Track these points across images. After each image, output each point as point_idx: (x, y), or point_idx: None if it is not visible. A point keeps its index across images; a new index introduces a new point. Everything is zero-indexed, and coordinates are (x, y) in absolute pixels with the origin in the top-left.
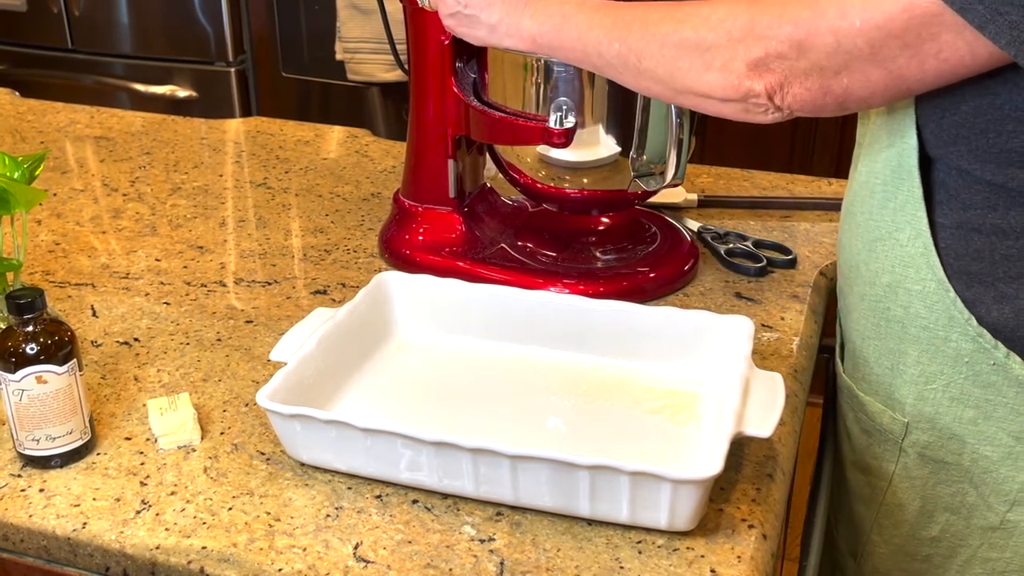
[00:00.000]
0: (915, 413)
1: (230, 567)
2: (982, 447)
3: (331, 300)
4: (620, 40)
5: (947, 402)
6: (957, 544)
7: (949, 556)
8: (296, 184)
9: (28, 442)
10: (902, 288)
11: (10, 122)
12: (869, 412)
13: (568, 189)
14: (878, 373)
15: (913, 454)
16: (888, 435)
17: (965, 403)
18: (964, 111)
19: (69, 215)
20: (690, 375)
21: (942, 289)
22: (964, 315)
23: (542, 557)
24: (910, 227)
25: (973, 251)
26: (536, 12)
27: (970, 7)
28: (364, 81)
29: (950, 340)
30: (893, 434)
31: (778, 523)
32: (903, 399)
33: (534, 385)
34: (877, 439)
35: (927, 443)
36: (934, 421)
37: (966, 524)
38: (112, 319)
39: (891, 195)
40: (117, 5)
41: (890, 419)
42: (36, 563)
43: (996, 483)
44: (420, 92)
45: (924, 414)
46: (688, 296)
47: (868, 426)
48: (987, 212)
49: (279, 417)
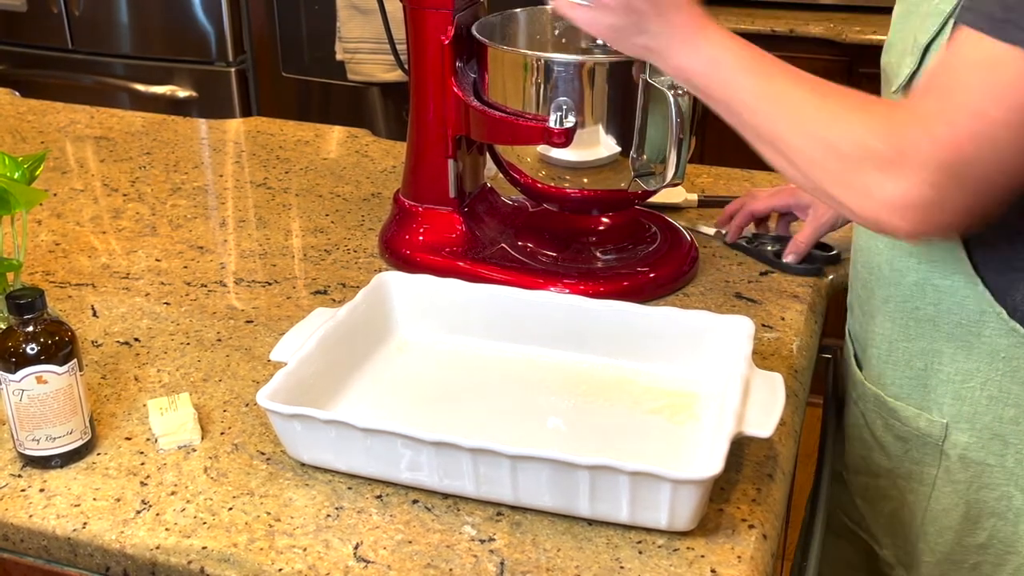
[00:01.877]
0: (953, 413)
1: (230, 567)
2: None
3: (331, 300)
4: (765, 115)
5: (986, 401)
6: (1006, 551)
7: (999, 564)
8: (296, 184)
9: (28, 442)
10: (930, 285)
11: (10, 122)
12: (903, 417)
13: (568, 189)
14: (910, 376)
15: (955, 456)
16: (927, 438)
17: (1005, 401)
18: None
19: (69, 215)
20: (690, 375)
21: (971, 282)
22: (995, 308)
23: (542, 557)
24: None
25: (1003, 234)
26: (696, 46)
27: None
28: (364, 81)
29: (983, 336)
30: (932, 437)
31: (778, 523)
32: (940, 400)
33: (534, 385)
34: (915, 444)
35: (968, 444)
36: (973, 421)
37: (1014, 529)
38: (112, 319)
39: None
40: (117, 5)
41: (927, 422)
42: (36, 563)
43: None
44: (420, 92)
45: (963, 414)
46: (688, 296)
47: (903, 432)
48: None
49: (279, 417)
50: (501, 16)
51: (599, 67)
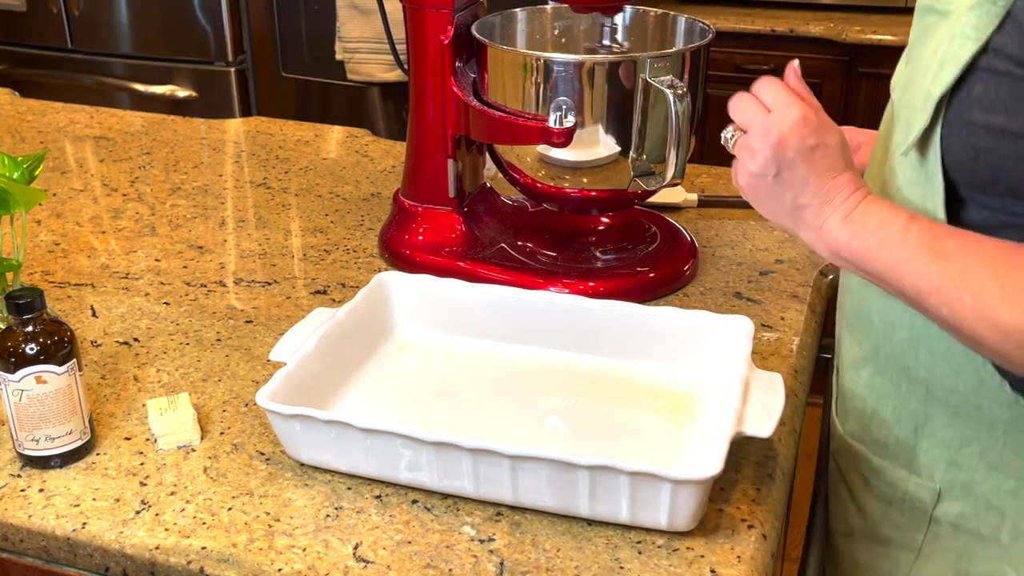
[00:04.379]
0: (948, 480)
1: (230, 567)
2: (1023, 522)
3: (331, 300)
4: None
5: (984, 470)
6: None
7: None
8: (296, 184)
9: (28, 442)
10: (924, 347)
11: (10, 122)
12: (888, 479)
13: (568, 189)
14: (899, 436)
15: (946, 524)
16: (915, 503)
17: (1005, 472)
18: (1003, 155)
19: (69, 215)
20: (690, 375)
21: (969, 351)
22: (995, 379)
23: (542, 557)
24: None
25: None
26: (853, 219)
27: None
28: (364, 81)
29: (982, 407)
30: (921, 502)
31: (778, 523)
32: (932, 464)
33: (534, 385)
34: (899, 507)
35: (962, 513)
36: (970, 489)
37: None
38: (112, 319)
39: None
40: (117, 5)
41: (916, 486)
42: (36, 563)
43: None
44: (420, 92)
45: (958, 481)
46: (688, 296)
47: (887, 495)
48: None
49: (279, 417)
50: (501, 16)
51: (599, 67)
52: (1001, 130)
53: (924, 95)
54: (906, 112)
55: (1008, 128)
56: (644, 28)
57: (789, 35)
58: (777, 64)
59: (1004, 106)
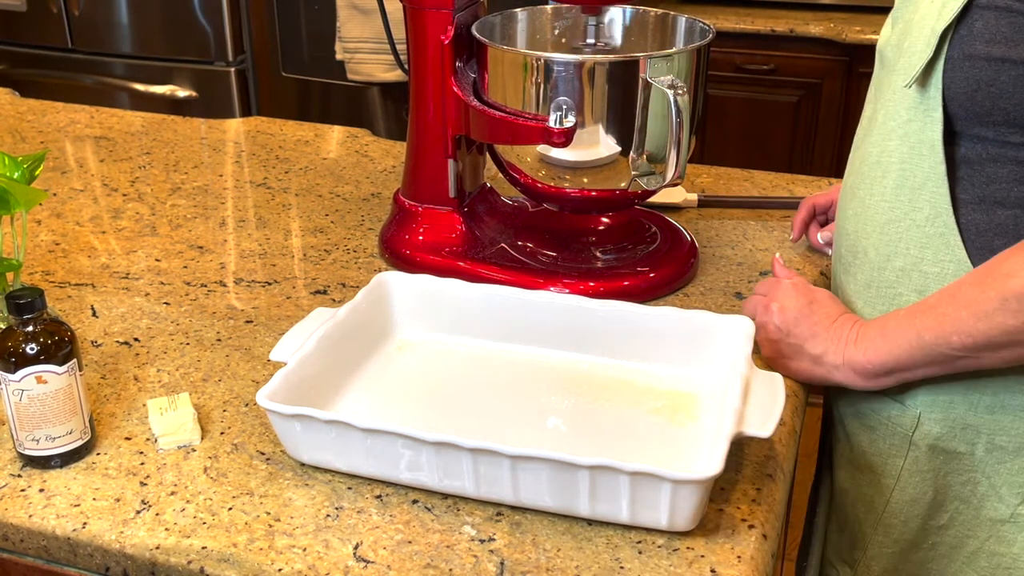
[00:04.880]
0: (928, 402)
1: (230, 567)
2: (997, 437)
3: (331, 300)
4: (958, 334)
5: (962, 389)
6: (965, 535)
7: (956, 547)
8: (296, 184)
9: (28, 442)
10: (917, 271)
11: (10, 122)
12: (874, 406)
13: (568, 189)
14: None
15: (924, 447)
16: (896, 428)
17: (982, 390)
18: (1003, 82)
19: (69, 215)
20: (690, 375)
21: (961, 270)
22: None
23: (542, 557)
24: (929, 206)
25: (996, 225)
26: (860, 340)
27: None
28: (364, 81)
29: None
30: (902, 427)
31: (778, 523)
32: (914, 388)
33: (534, 385)
34: (882, 434)
35: (939, 435)
36: (948, 411)
37: (975, 514)
38: (112, 319)
39: (909, 174)
40: (117, 5)
41: (899, 410)
42: (36, 563)
43: (1010, 474)
44: (420, 92)
45: (937, 403)
46: (688, 296)
47: (872, 421)
48: (1013, 185)
49: (279, 417)
50: (501, 16)
51: (599, 67)
52: (1002, 59)
53: (928, 32)
54: (899, 45)
55: (1009, 57)
56: (644, 28)
57: (789, 35)
58: (777, 64)
59: (1005, 37)
